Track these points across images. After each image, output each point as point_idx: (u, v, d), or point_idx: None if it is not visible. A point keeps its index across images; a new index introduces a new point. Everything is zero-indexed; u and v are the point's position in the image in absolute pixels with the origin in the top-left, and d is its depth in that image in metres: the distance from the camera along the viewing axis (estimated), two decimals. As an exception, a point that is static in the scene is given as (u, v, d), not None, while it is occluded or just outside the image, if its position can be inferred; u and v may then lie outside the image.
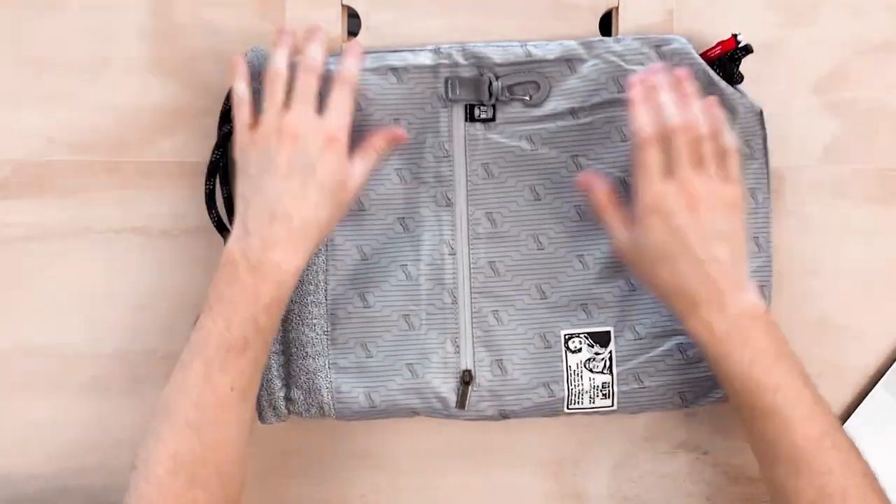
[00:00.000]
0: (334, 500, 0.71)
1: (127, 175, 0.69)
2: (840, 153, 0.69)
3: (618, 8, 0.68)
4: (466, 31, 0.68)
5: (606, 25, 0.68)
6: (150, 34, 0.69)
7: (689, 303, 0.59)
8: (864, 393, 0.70)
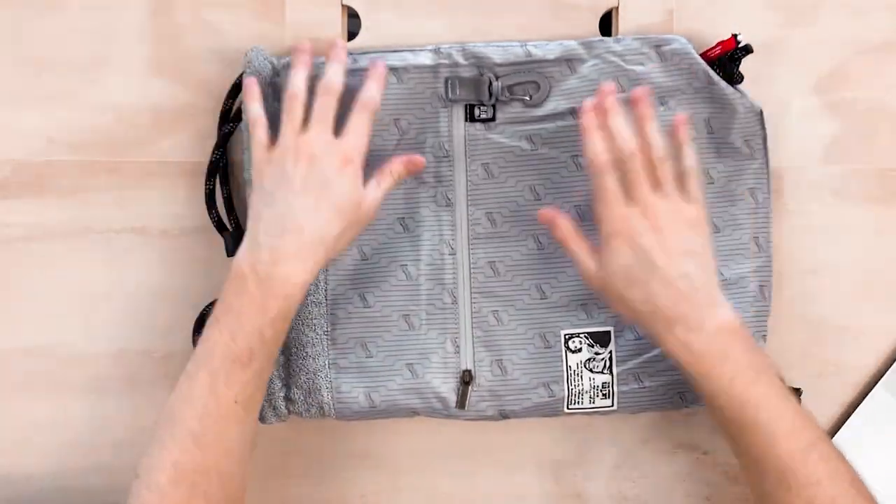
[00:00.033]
0: (334, 500, 0.71)
1: (127, 175, 0.69)
2: (840, 153, 0.69)
3: (618, 8, 0.68)
4: (466, 31, 0.68)
5: (606, 25, 0.68)
6: (150, 34, 0.69)
7: (665, 323, 0.58)
8: (864, 393, 0.70)
